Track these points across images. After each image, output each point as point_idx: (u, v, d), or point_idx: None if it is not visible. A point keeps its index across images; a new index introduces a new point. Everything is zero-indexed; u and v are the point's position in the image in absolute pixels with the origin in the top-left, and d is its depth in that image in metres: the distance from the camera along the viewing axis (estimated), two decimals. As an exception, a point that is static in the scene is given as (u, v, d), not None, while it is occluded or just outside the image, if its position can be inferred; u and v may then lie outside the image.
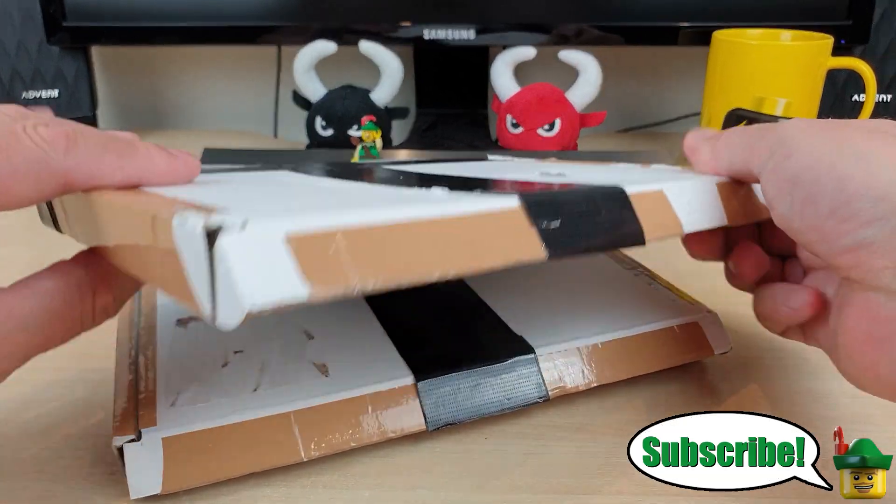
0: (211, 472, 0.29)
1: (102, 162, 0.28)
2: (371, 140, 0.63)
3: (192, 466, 0.29)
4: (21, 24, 0.72)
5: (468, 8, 0.73)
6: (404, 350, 0.35)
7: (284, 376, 0.33)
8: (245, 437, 0.30)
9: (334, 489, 0.30)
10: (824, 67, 0.62)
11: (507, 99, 0.73)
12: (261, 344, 0.35)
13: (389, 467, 0.31)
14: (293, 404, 0.31)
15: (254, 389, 0.32)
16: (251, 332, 0.36)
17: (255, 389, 0.32)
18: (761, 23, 0.67)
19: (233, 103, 0.93)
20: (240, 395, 0.31)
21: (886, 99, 0.71)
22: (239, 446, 0.30)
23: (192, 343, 0.36)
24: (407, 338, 0.36)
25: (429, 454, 0.32)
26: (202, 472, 0.29)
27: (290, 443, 0.30)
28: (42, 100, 0.75)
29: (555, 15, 0.73)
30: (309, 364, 0.34)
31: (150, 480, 0.29)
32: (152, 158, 0.29)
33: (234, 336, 0.36)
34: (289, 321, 0.37)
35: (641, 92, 0.91)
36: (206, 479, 0.29)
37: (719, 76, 0.63)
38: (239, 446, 0.30)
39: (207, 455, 0.30)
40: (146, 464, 0.29)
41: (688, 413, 0.30)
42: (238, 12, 0.72)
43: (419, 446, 0.32)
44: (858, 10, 0.69)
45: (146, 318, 0.38)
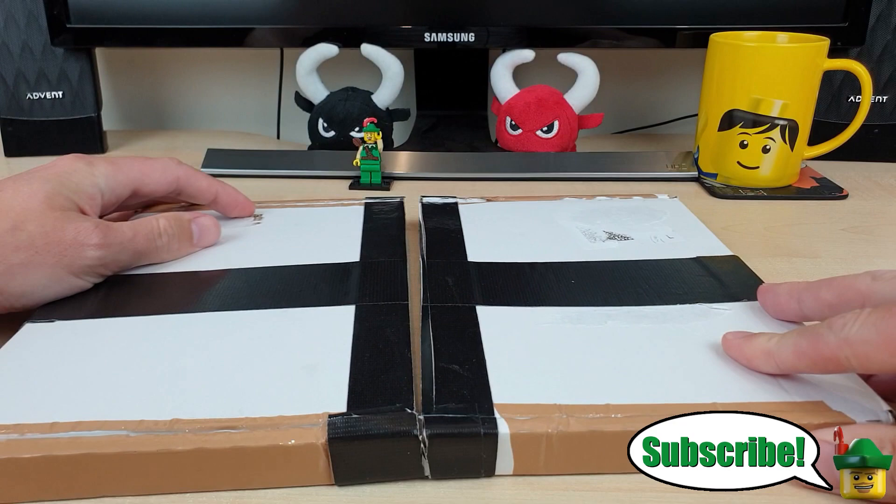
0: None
1: (128, 262, 0.43)
2: (372, 141, 0.64)
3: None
4: (26, 25, 0.73)
5: (468, 11, 0.73)
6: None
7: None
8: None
9: (335, 487, 0.30)
10: (821, 69, 0.62)
11: (507, 101, 0.73)
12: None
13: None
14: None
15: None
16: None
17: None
18: (758, 25, 0.68)
19: (236, 105, 0.94)
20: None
21: (882, 100, 0.71)
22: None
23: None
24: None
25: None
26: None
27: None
28: (46, 101, 0.75)
29: (553, 18, 0.73)
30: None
31: None
32: (170, 252, 0.45)
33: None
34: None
35: (639, 94, 0.91)
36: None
37: (716, 78, 0.64)
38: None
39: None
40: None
41: (688, 413, 0.30)
42: (241, 15, 0.72)
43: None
44: (854, 12, 0.69)
45: None
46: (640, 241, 0.48)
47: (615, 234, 0.49)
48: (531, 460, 0.30)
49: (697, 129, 0.68)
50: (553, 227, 0.50)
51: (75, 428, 0.29)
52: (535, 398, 0.31)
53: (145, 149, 0.81)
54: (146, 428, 0.29)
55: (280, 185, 0.67)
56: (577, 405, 0.31)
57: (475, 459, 0.30)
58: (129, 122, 0.95)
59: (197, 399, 0.31)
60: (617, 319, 0.38)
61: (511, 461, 0.30)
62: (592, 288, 0.42)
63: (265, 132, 0.92)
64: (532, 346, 0.35)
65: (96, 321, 0.38)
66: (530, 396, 0.31)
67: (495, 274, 0.43)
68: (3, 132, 0.76)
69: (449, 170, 0.69)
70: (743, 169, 0.64)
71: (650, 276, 0.43)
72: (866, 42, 0.70)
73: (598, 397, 0.31)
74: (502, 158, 0.71)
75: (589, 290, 0.41)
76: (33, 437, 0.29)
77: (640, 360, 0.34)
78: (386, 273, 0.43)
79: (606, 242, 0.48)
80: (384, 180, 0.66)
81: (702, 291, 0.41)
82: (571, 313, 0.39)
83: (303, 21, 0.73)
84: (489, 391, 0.32)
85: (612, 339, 0.36)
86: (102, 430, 0.29)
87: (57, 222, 0.39)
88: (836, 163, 0.71)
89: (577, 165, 0.69)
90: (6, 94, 0.75)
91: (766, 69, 0.61)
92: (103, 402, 0.31)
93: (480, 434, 0.30)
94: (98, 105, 0.77)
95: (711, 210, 0.61)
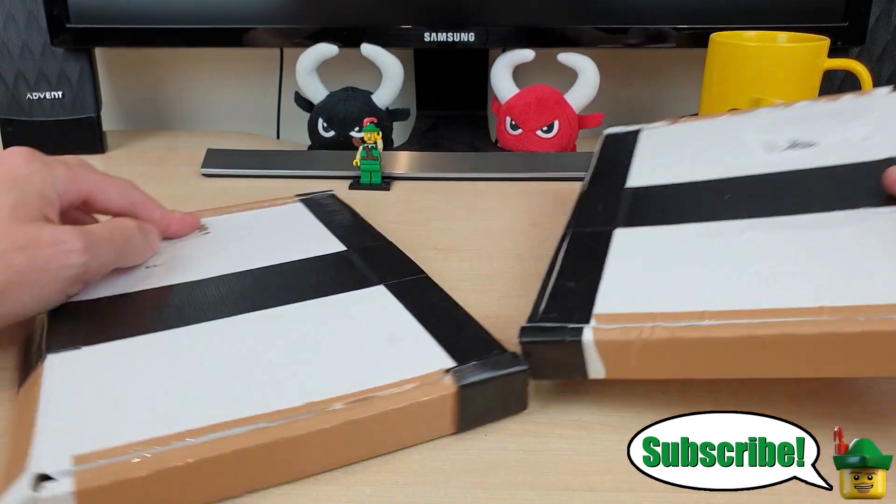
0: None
1: (109, 264, 0.41)
2: (372, 141, 0.64)
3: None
4: (25, 25, 0.73)
5: (468, 11, 0.73)
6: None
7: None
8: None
9: (335, 486, 0.30)
10: (821, 69, 0.62)
11: (507, 101, 0.73)
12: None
13: (390, 464, 0.32)
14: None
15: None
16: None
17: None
18: (758, 24, 0.68)
19: (235, 105, 0.94)
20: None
21: (883, 100, 0.71)
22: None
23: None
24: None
25: (429, 451, 0.32)
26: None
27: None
28: (46, 101, 0.75)
29: (553, 17, 0.73)
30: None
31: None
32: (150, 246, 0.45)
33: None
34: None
35: (639, 93, 0.91)
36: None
37: (717, 78, 0.64)
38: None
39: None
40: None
41: (688, 413, 0.30)
42: (241, 15, 0.72)
43: (419, 444, 0.33)
44: (855, 11, 0.69)
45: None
46: (826, 146, 0.43)
47: (799, 141, 0.45)
48: (621, 365, 0.32)
49: (698, 128, 0.67)
50: (731, 143, 0.48)
51: (213, 430, 0.29)
52: (636, 307, 0.33)
53: (145, 149, 0.81)
54: (284, 416, 0.30)
55: (280, 185, 0.67)
56: (671, 313, 0.32)
57: (566, 364, 0.33)
58: (129, 122, 0.95)
59: (316, 383, 0.32)
60: (757, 230, 0.37)
61: (601, 366, 0.33)
62: (746, 201, 0.40)
63: (265, 132, 0.92)
64: (654, 262, 0.36)
65: (127, 341, 0.36)
66: (632, 306, 0.33)
67: (648, 197, 0.43)
68: (2, 132, 0.76)
69: (449, 170, 0.69)
70: (743, 169, 0.64)
71: (814, 185, 0.39)
72: (866, 42, 0.70)
73: (698, 305, 0.32)
74: (502, 158, 0.71)
75: (741, 204, 0.39)
76: (186, 443, 0.29)
77: (762, 267, 0.34)
78: (386, 255, 0.45)
79: (785, 153, 0.44)
80: (384, 180, 0.66)
81: (866, 194, 0.37)
82: (711, 228, 0.38)
83: (303, 21, 0.73)
84: (592, 303, 0.34)
85: (743, 248, 0.36)
86: (242, 427, 0.29)
87: (31, 235, 0.36)
88: (837, 163, 0.71)
89: (578, 165, 0.69)
90: (6, 94, 0.75)
91: (766, 69, 0.61)
92: (219, 403, 0.31)
93: (566, 341, 0.32)
94: (98, 105, 0.77)
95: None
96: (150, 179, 0.71)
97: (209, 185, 0.68)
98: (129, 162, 0.77)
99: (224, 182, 0.69)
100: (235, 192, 0.66)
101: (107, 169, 0.73)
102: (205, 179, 0.70)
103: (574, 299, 0.35)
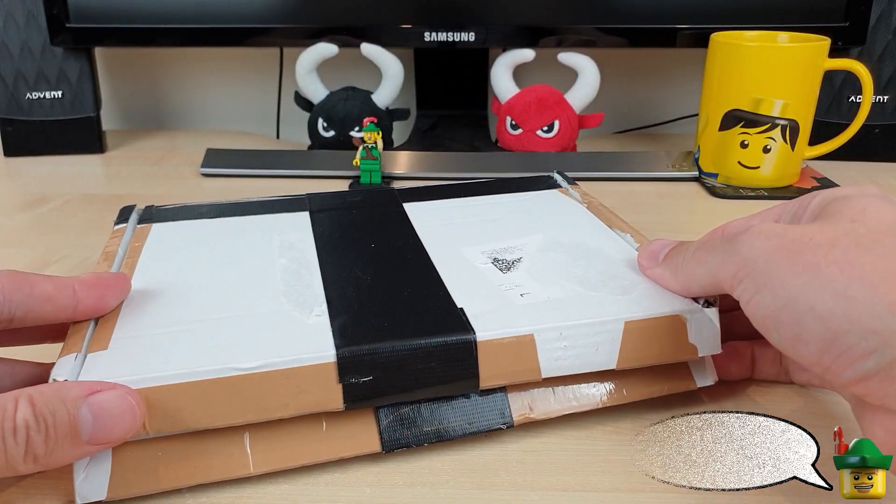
0: (159, 481, 0.29)
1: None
2: (372, 141, 0.64)
3: (140, 473, 0.29)
4: (25, 25, 0.73)
5: (468, 10, 0.73)
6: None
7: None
8: (194, 448, 0.30)
9: (335, 486, 0.30)
10: (821, 69, 0.62)
11: (507, 100, 0.73)
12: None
13: (390, 465, 0.32)
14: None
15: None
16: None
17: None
18: (759, 25, 0.68)
19: (235, 104, 0.94)
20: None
21: (883, 100, 0.71)
22: (187, 455, 0.30)
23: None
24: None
25: (428, 452, 0.32)
26: (150, 480, 0.29)
27: (240, 455, 0.30)
28: (46, 100, 0.75)
29: (554, 17, 0.73)
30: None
31: (96, 487, 0.29)
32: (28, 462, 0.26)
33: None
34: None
35: (640, 93, 0.91)
36: (154, 488, 0.29)
37: (717, 78, 0.64)
38: (187, 455, 0.30)
39: (155, 462, 0.29)
40: (94, 470, 0.29)
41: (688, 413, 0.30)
42: (240, 14, 0.72)
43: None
44: (855, 12, 0.69)
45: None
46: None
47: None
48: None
49: (698, 128, 0.67)
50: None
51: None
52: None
53: (145, 148, 0.81)
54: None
55: (279, 185, 0.67)
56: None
57: None
58: (128, 121, 0.95)
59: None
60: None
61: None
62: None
63: (265, 132, 0.92)
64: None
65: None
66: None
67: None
68: (2, 132, 0.76)
69: (449, 170, 0.69)
70: (744, 169, 0.64)
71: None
72: (867, 42, 0.70)
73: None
74: (502, 158, 0.71)
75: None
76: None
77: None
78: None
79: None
80: (384, 180, 0.66)
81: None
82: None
83: (303, 21, 0.73)
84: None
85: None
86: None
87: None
88: (837, 163, 0.71)
89: (578, 165, 0.69)
90: (5, 93, 0.75)
91: (766, 69, 0.61)
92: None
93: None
94: (97, 105, 0.77)
95: (712, 210, 0.61)
96: (149, 179, 0.71)
97: (209, 185, 0.68)
98: (128, 162, 0.77)
99: (224, 182, 0.69)
100: (235, 192, 0.66)
101: (107, 169, 0.74)
102: (204, 179, 0.70)
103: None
